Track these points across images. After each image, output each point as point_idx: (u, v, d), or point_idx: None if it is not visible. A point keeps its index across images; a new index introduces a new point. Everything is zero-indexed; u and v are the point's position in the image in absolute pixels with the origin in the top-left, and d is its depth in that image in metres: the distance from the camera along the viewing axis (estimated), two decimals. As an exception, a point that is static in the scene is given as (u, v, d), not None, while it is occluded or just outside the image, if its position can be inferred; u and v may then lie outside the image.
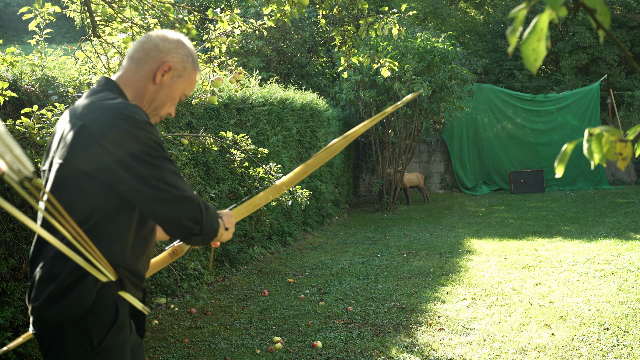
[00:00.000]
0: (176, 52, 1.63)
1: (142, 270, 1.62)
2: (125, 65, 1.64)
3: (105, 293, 1.50)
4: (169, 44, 1.63)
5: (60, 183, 1.49)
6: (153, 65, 1.61)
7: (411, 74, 9.51)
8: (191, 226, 1.50)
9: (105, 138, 1.43)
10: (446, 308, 4.53)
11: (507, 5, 17.47)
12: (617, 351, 3.51)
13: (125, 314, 1.54)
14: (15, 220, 3.50)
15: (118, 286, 1.53)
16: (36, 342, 3.60)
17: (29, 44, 4.16)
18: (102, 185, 1.46)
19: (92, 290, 1.46)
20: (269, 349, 3.74)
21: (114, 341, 1.49)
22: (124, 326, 1.53)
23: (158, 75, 1.60)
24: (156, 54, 1.61)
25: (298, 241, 7.75)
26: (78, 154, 1.46)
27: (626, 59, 1.25)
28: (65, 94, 3.96)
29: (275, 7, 3.47)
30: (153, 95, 1.62)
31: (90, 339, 1.46)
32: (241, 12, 10.76)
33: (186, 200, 1.48)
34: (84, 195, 1.47)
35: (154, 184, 1.44)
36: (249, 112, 6.58)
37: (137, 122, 1.46)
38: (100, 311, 1.48)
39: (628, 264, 5.60)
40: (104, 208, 1.48)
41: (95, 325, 1.47)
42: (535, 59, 0.87)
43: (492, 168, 13.29)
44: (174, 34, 1.67)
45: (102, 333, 1.47)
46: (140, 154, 1.44)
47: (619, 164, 0.93)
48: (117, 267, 1.51)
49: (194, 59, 1.67)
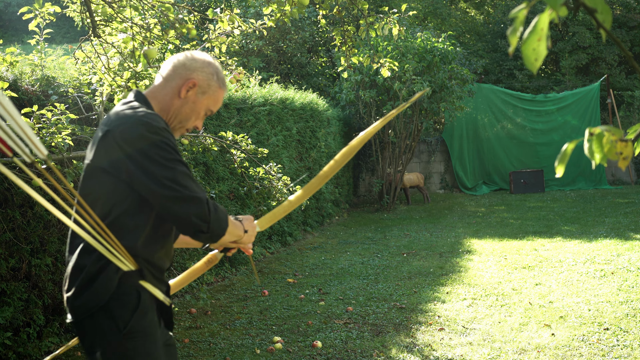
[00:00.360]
0: (201, 70, 1.77)
1: (161, 264, 1.75)
2: (156, 82, 1.81)
3: (126, 282, 1.64)
4: (196, 63, 1.78)
5: (87, 180, 1.68)
6: (179, 82, 1.76)
7: (411, 74, 9.51)
8: (199, 224, 1.63)
9: (124, 141, 1.61)
10: (446, 308, 4.53)
11: (507, 5, 17.47)
12: (617, 351, 3.51)
13: (147, 301, 1.68)
14: (16, 220, 3.50)
15: (139, 275, 1.67)
16: (37, 341, 3.60)
17: (29, 44, 4.16)
18: (122, 184, 1.63)
19: (114, 278, 1.61)
20: (269, 349, 3.74)
21: (138, 324, 1.62)
22: (147, 312, 1.66)
23: (183, 91, 1.75)
24: (183, 71, 1.77)
25: (298, 241, 7.75)
26: (102, 155, 1.65)
27: (626, 58, 1.25)
28: (65, 94, 3.96)
29: (275, 7, 3.47)
30: (178, 109, 1.77)
31: (116, 323, 1.60)
32: (241, 12, 10.76)
33: (195, 200, 1.62)
34: (106, 192, 1.64)
35: (166, 183, 1.60)
36: (249, 112, 6.58)
37: (154, 127, 1.63)
38: (123, 297, 1.62)
39: (628, 264, 5.60)
40: (123, 204, 1.64)
41: (119, 310, 1.61)
42: (535, 58, 0.87)
43: (492, 168, 13.29)
44: (203, 54, 1.82)
45: (126, 317, 1.61)
46: (154, 156, 1.60)
47: (620, 163, 0.93)
48: (136, 258, 1.65)
49: (219, 77, 1.81)
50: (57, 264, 3.79)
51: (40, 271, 3.66)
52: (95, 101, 3.82)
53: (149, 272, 1.70)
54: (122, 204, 1.64)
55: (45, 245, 3.71)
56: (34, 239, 3.61)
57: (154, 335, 1.67)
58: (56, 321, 3.80)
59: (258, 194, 4.36)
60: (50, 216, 3.68)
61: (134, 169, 1.59)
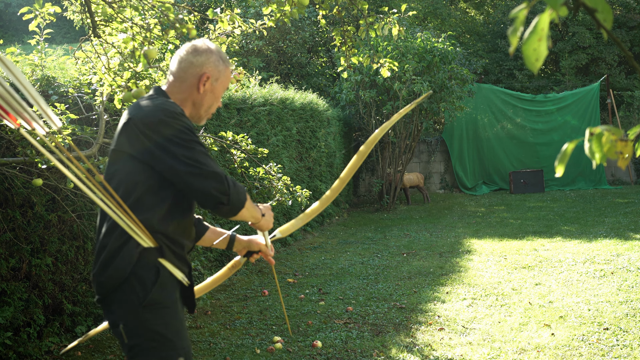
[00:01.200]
0: (208, 62, 1.89)
1: (179, 239, 1.85)
2: (170, 80, 1.93)
3: (145, 257, 1.75)
4: (201, 57, 1.89)
5: (112, 165, 1.83)
6: (193, 81, 1.89)
7: (411, 74, 9.51)
8: (219, 196, 1.76)
9: (146, 126, 1.75)
10: (446, 308, 4.53)
11: (507, 6, 17.47)
12: (617, 351, 3.51)
13: (167, 277, 1.78)
14: (16, 220, 3.50)
15: (158, 253, 1.77)
16: (37, 341, 3.60)
17: (29, 44, 4.16)
18: (144, 165, 1.76)
19: (134, 253, 1.73)
20: (269, 349, 3.74)
21: (158, 296, 1.73)
22: (166, 285, 1.76)
23: (200, 87, 1.89)
24: (193, 70, 1.89)
25: (298, 241, 7.75)
26: (125, 141, 1.79)
27: (626, 58, 1.25)
28: (65, 94, 3.96)
29: (275, 7, 3.47)
30: (200, 102, 1.92)
31: (137, 295, 1.71)
32: (241, 12, 10.75)
33: (215, 175, 1.75)
34: (129, 174, 1.78)
35: (187, 162, 1.73)
36: (249, 112, 6.58)
37: (171, 112, 1.77)
38: (142, 272, 1.73)
39: (628, 264, 5.60)
40: (145, 184, 1.77)
41: (139, 284, 1.72)
42: (536, 59, 0.88)
43: (492, 168, 13.29)
44: (202, 43, 1.92)
45: (146, 289, 1.72)
46: (174, 138, 1.74)
47: (620, 162, 0.93)
48: (155, 234, 1.76)
49: (223, 59, 1.94)
50: (57, 264, 3.79)
51: (41, 271, 3.66)
52: (95, 101, 3.82)
53: (168, 249, 1.79)
54: (144, 184, 1.76)
55: (45, 245, 3.71)
56: (34, 239, 3.61)
57: (173, 308, 1.77)
58: (56, 321, 3.80)
59: (258, 194, 4.36)
60: (50, 216, 3.68)
61: (157, 150, 1.73)
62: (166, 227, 1.80)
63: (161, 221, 1.78)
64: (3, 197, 3.45)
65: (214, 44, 1.95)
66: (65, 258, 3.86)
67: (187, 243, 1.91)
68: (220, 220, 5.38)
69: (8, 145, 3.45)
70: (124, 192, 1.76)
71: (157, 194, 1.78)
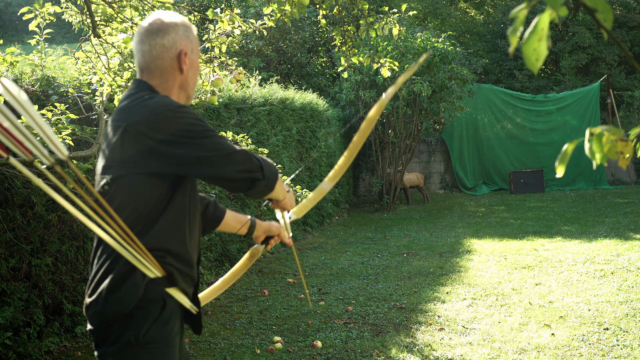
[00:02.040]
0: (178, 36, 1.68)
1: (189, 255, 1.67)
2: (147, 76, 1.69)
3: (153, 289, 1.58)
4: (169, 35, 1.67)
5: (113, 183, 1.59)
6: (173, 64, 1.68)
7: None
8: (254, 173, 1.63)
9: (151, 130, 1.55)
10: (446, 308, 4.53)
11: (507, 5, 17.47)
12: (617, 351, 3.51)
13: (171, 309, 1.62)
14: (16, 220, 3.50)
15: (166, 282, 1.60)
16: (37, 341, 3.60)
17: (29, 44, 4.16)
18: (147, 177, 1.56)
19: (141, 285, 1.55)
20: (269, 349, 3.74)
21: (159, 334, 1.57)
22: (168, 321, 1.60)
23: (183, 67, 1.68)
24: (167, 53, 1.67)
25: (298, 241, 7.75)
26: (123, 152, 1.58)
27: (626, 58, 1.25)
28: (65, 94, 3.96)
29: (275, 7, 3.47)
30: (186, 81, 1.72)
31: (136, 332, 1.54)
32: (241, 12, 10.76)
33: (239, 152, 1.61)
34: (132, 192, 1.57)
35: (210, 148, 1.57)
36: (249, 112, 6.58)
37: (173, 106, 1.58)
38: (148, 306, 1.57)
39: (628, 264, 5.60)
40: (149, 201, 1.58)
41: (142, 319, 1.56)
42: (536, 59, 0.87)
43: (492, 168, 13.28)
44: (159, 21, 1.68)
45: (147, 326, 1.55)
46: (190, 133, 1.56)
47: (621, 162, 0.93)
48: (163, 257, 1.58)
49: (187, 25, 1.72)
50: (57, 264, 3.79)
51: (41, 271, 3.66)
52: (95, 101, 3.82)
53: (178, 273, 1.63)
54: (149, 200, 1.58)
55: (45, 245, 3.71)
56: (34, 239, 3.61)
57: (172, 346, 1.62)
58: (56, 321, 3.80)
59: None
60: (50, 216, 3.68)
61: (173, 150, 1.55)
62: (179, 247, 1.63)
63: (167, 237, 1.60)
64: (3, 197, 3.45)
65: (164, 12, 1.73)
66: (65, 258, 3.86)
67: (195, 255, 1.73)
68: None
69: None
70: (129, 216, 1.56)
71: (164, 208, 1.59)
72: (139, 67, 1.70)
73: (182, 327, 1.70)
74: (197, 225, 1.73)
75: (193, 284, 1.72)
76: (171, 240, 1.61)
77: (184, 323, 1.73)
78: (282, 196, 1.84)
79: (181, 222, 1.64)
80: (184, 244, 1.64)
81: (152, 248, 1.57)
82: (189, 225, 1.67)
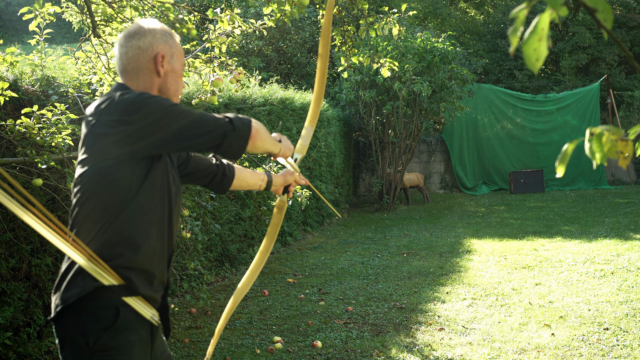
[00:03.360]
0: (155, 40, 1.68)
1: (153, 250, 1.63)
2: (125, 78, 1.70)
3: (104, 296, 1.54)
4: (146, 38, 1.67)
5: (84, 175, 1.59)
6: (149, 66, 1.67)
7: (411, 74, 9.51)
8: (222, 125, 1.59)
9: (120, 116, 1.54)
10: (446, 308, 4.53)
11: (507, 5, 17.47)
12: (617, 351, 3.51)
13: (128, 318, 1.56)
14: (16, 220, 3.50)
15: (123, 290, 1.56)
16: (37, 341, 3.60)
17: (29, 44, 4.16)
18: (117, 166, 1.54)
19: (90, 284, 1.52)
20: (269, 349, 3.74)
21: (112, 341, 1.53)
22: (125, 329, 1.55)
23: (160, 69, 1.68)
24: (143, 55, 1.67)
25: (298, 241, 7.75)
26: (86, 146, 1.58)
27: (627, 58, 1.25)
28: (65, 94, 3.96)
29: (275, 7, 3.47)
30: (164, 85, 1.71)
31: (86, 338, 1.51)
32: (241, 12, 10.75)
33: (204, 113, 1.60)
34: (101, 182, 1.56)
35: (179, 115, 1.56)
36: (249, 112, 6.58)
37: (140, 94, 1.58)
38: (98, 312, 1.53)
39: (628, 264, 5.60)
40: (118, 191, 1.56)
41: (92, 325, 1.52)
42: (536, 58, 0.87)
43: (492, 168, 13.28)
44: (137, 26, 1.70)
45: (98, 333, 1.52)
46: (155, 109, 1.54)
47: (621, 162, 0.93)
48: (121, 260, 1.55)
49: (168, 32, 1.73)
50: (57, 264, 3.79)
51: (41, 271, 3.66)
52: (95, 101, 3.81)
53: (140, 279, 1.59)
54: (116, 191, 1.56)
55: (45, 245, 3.71)
56: (34, 238, 3.61)
57: (130, 354, 1.56)
58: (56, 321, 3.80)
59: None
60: (50, 216, 3.67)
61: (144, 129, 1.53)
62: (139, 236, 1.58)
63: (132, 228, 1.57)
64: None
65: (145, 19, 1.75)
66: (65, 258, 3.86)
67: (165, 254, 1.68)
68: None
69: (8, 145, 3.45)
70: (97, 205, 1.55)
71: (132, 198, 1.56)
72: (118, 70, 1.71)
73: (152, 334, 1.65)
74: (174, 219, 1.70)
75: (162, 287, 1.69)
76: (136, 232, 1.58)
77: (155, 329, 1.68)
78: (275, 147, 1.82)
79: (148, 213, 1.60)
80: (148, 238, 1.60)
81: (114, 241, 1.55)
82: (160, 217, 1.64)
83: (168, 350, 1.78)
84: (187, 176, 1.92)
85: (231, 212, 5.98)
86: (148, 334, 1.63)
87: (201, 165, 1.94)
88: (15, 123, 2.91)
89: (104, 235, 1.56)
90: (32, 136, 2.87)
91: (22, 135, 2.92)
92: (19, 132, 2.89)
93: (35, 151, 3.05)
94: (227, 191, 2.02)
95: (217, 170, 1.97)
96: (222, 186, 2.01)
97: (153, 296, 1.64)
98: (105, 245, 1.55)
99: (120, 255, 1.56)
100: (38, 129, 2.90)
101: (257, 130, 1.67)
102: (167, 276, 1.72)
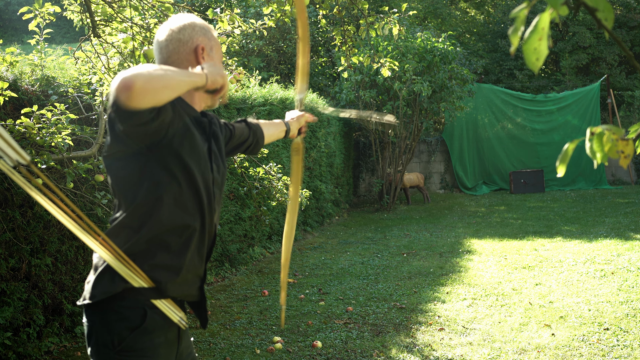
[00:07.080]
0: (195, 33, 1.65)
1: (193, 260, 1.62)
2: None
3: (132, 297, 1.53)
4: (186, 31, 1.64)
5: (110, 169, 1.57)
6: (190, 58, 1.63)
7: (411, 74, 9.51)
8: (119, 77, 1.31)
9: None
10: (446, 308, 4.53)
11: (507, 5, 17.47)
12: (617, 351, 3.50)
13: (155, 320, 1.55)
14: (16, 220, 3.50)
15: (152, 293, 1.55)
16: (36, 341, 3.60)
17: (29, 44, 4.16)
18: (138, 158, 1.50)
19: (119, 284, 1.50)
20: (269, 349, 3.74)
21: (137, 343, 1.52)
22: (151, 332, 1.54)
23: (200, 60, 1.63)
24: (184, 47, 1.63)
25: (298, 241, 7.75)
26: (117, 135, 1.50)
27: (627, 58, 1.25)
28: (65, 94, 3.96)
29: (275, 7, 3.47)
30: None
31: (112, 337, 1.51)
32: (241, 12, 10.75)
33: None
34: (123, 175, 1.54)
35: None
36: (249, 112, 6.58)
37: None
38: (124, 312, 1.52)
39: (628, 264, 5.59)
40: (141, 190, 1.52)
41: (117, 324, 1.51)
42: (537, 58, 0.87)
43: (492, 168, 13.28)
44: (178, 20, 1.67)
45: (123, 333, 1.51)
46: None
47: (621, 161, 0.93)
48: (153, 260, 1.53)
49: (205, 26, 1.70)
50: (57, 264, 3.79)
51: (40, 271, 3.66)
52: (95, 101, 3.81)
53: (168, 274, 1.56)
54: (140, 192, 1.52)
55: (45, 245, 3.71)
56: (34, 239, 3.61)
57: (154, 357, 1.55)
58: (56, 321, 3.80)
59: (258, 194, 4.36)
60: (50, 216, 3.67)
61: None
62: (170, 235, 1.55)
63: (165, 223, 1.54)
64: (3, 197, 3.45)
65: (184, 14, 1.72)
66: (65, 258, 3.86)
67: (200, 260, 1.65)
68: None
69: (8, 145, 3.44)
70: (125, 210, 1.53)
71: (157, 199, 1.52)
72: (158, 64, 1.66)
73: (178, 336, 1.65)
74: (215, 202, 1.66)
75: (199, 279, 1.68)
76: (169, 228, 1.54)
77: (182, 331, 1.68)
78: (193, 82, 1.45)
79: (184, 202, 1.56)
80: (186, 245, 1.58)
81: (149, 239, 1.53)
82: (194, 203, 1.59)
83: (194, 352, 1.77)
84: (231, 151, 1.98)
85: (231, 212, 5.98)
86: (175, 336, 1.63)
87: (243, 136, 1.98)
88: (15, 123, 2.90)
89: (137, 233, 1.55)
90: (32, 136, 2.87)
91: (22, 135, 2.92)
92: (19, 132, 2.88)
93: (35, 151, 3.05)
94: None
95: (250, 136, 2.02)
96: (257, 149, 2.08)
97: (187, 292, 1.64)
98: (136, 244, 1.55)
99: (155, 255, 1.55)
100: (38, 129, 2.90)
101: (136, 76, 1.29)
102: (205, 268, 1.69)
